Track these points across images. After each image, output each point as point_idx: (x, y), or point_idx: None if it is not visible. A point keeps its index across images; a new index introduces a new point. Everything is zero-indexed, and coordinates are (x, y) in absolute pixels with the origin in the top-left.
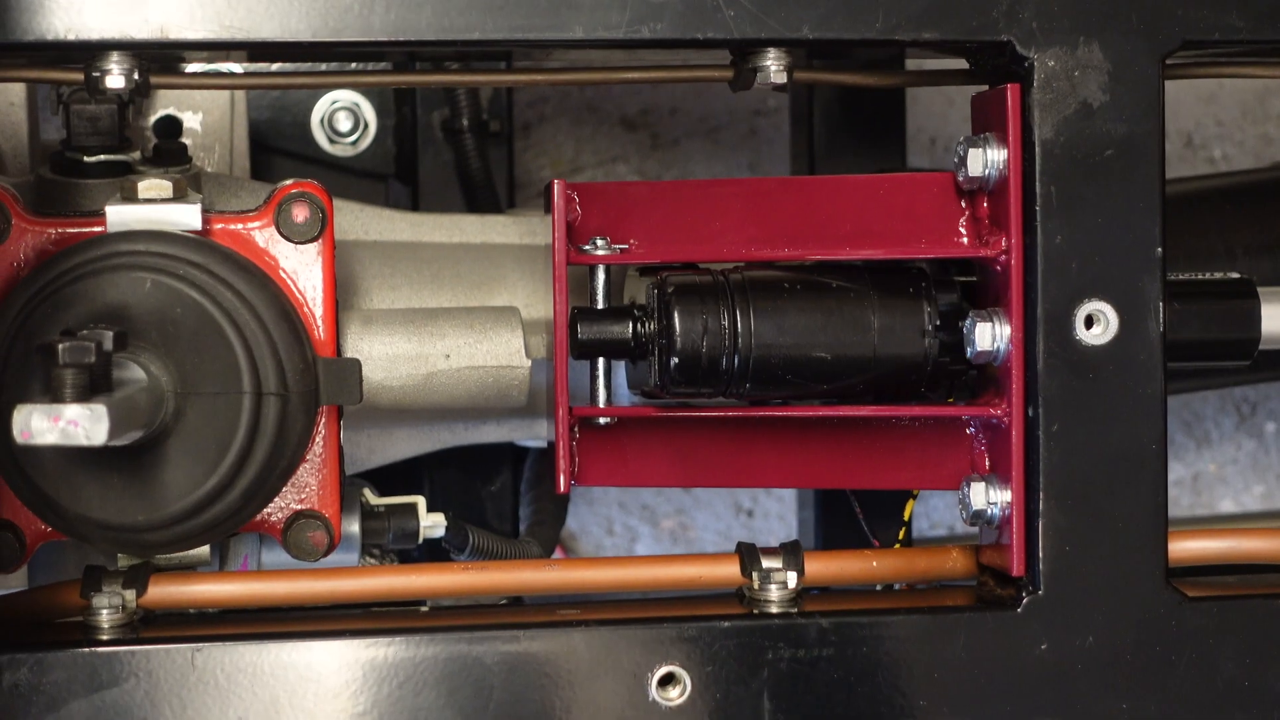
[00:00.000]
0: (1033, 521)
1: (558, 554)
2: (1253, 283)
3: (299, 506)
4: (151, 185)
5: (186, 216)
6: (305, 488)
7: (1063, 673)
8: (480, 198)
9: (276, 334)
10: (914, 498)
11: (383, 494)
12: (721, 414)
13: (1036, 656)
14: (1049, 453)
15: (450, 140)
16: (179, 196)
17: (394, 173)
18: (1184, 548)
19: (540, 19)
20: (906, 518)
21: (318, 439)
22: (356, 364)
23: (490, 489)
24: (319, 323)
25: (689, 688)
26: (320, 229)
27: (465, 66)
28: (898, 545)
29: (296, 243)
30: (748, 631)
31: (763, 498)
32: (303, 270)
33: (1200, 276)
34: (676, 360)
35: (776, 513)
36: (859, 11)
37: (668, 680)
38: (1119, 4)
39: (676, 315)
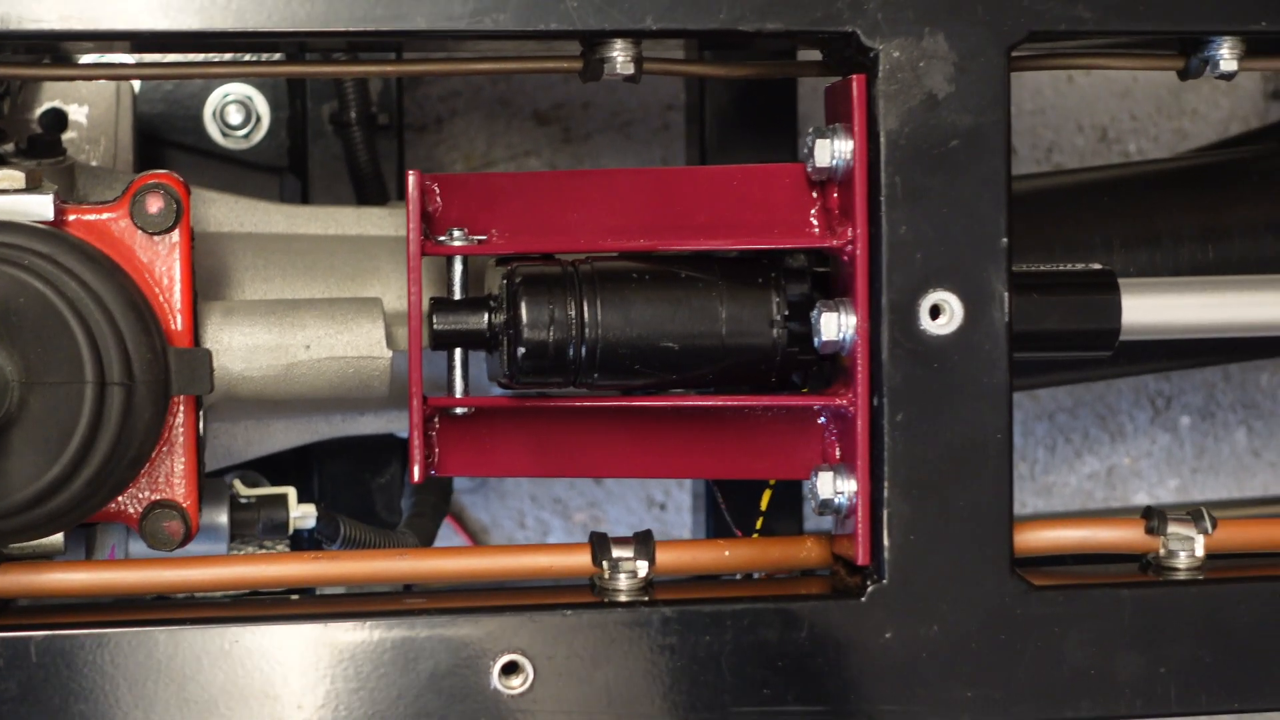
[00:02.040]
0: (878, 511)
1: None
2: (1114, 274)
3: (155, 497)
4: (4, 176)
5: (39, 207)
6: (161, 478)
7: (908, 661)
8: (369, 190)
9: (123, 324)
10: (770, 488)
11: (276, 485)
12: (573, 404)
13: (881, 645)
14: (894, 442)
15: (339, 133)
16: (32, 187)
17: (288, 165)
18: (1037, 537)
19: (382, 10)
20: (763, 508)
21: (177, 429)
22: (207, 354)
23: (379, 481)
24: (176, 314)
25: (531, 676)
26: (175, 220)
27: (324, 58)
28: (755, 535)
29: (151, 233)
30: (591, 620)
31: (675, 490)
32: (158, 261)
33: (1063, 268)
34: (523, 350)
35: (689, 505)
36: (703, 2)
37: (510, 669)
38: None
39: (523, 305)
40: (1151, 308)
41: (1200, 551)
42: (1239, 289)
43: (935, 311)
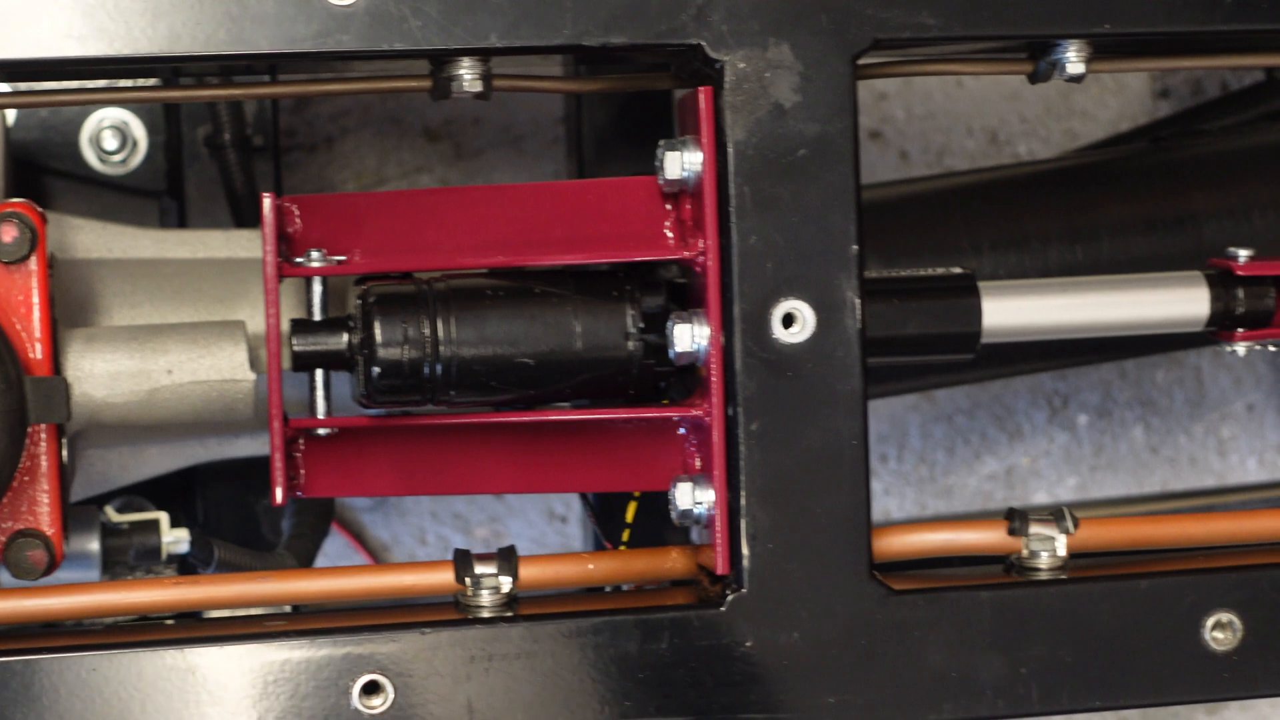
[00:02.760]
0: (735, 520)
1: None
2: (973, 277)
3: (18, 526)
4: None
5: None
6: (24, 507)
7: (769, 669)
8: (245, 213)
9: None
10: (635, 499)
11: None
12: (435, 422)
13: (742, 654)
14: (750, 451)
15: (214, 156)
16: None
17: (166, 189)
18: (899, 542)
19: (224, 34)
20: (629, 519)
21: (38, 458)
22: (63, 382)
23: (263, 503)
24: (34, 342)
25: (392, 695)
26: (30, 248)
27: (198, 82)
28: (622, 547)
29: (7, 263)
30: (450, 637)
31: (576, 504)
32: (15, 290)
33: (923, 272)
34: (378, 369)
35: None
36: (546, 17)
37: (371, 689)
38: (808, 5)
39: (377, 325)
40: (1012, 310)
41: (1062, 551)
42: (1098, 289)
43: (788, 320)
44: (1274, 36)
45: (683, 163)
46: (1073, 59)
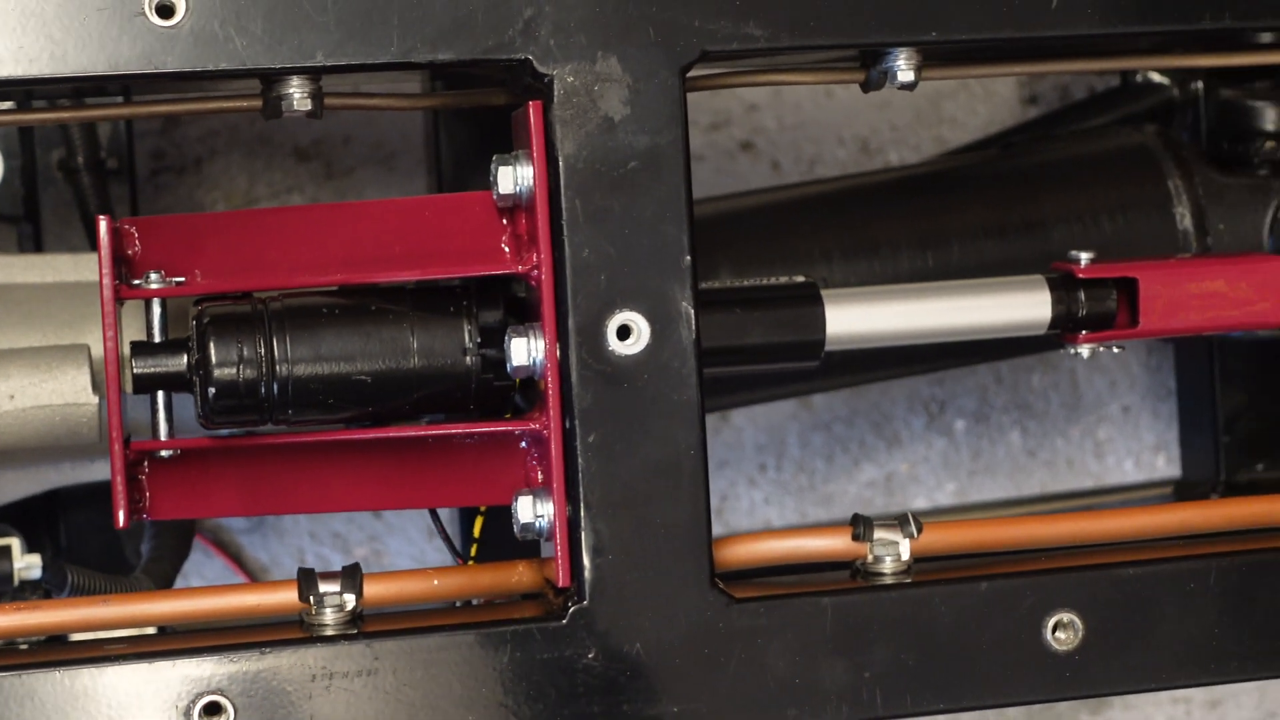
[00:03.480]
0: (575, 532)
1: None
2: (816, 286)
3: None
4: None
5: None
6: None
7: (612, 680)
8: None
9: None
10: (481, 514)
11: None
12: (278, 441)
13: (585, 666)
14: (588, 463)
15: (68, 180)
16: None
17: (24, 214)
18: (745, 550)
19: (47, 56)
20: (476, 534)
21: None
22: None
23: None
24: None
25: (233, 715)
26: None
27: (51, 104)
28: (471, 561)
29: None
30: (291, 657)
31: (459, 519)
32: None
33: (768, 281)
34: (214, 390)
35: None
36: (373, 35)
37: (212, 710)
38: (635, 18)
39: (211, 345)
40: (856, 317)
41: (906, 555)
42: (942, 295)
43: (623, 332)
44: (1105, 41)
45: (515, 177)
46: (903, 67)
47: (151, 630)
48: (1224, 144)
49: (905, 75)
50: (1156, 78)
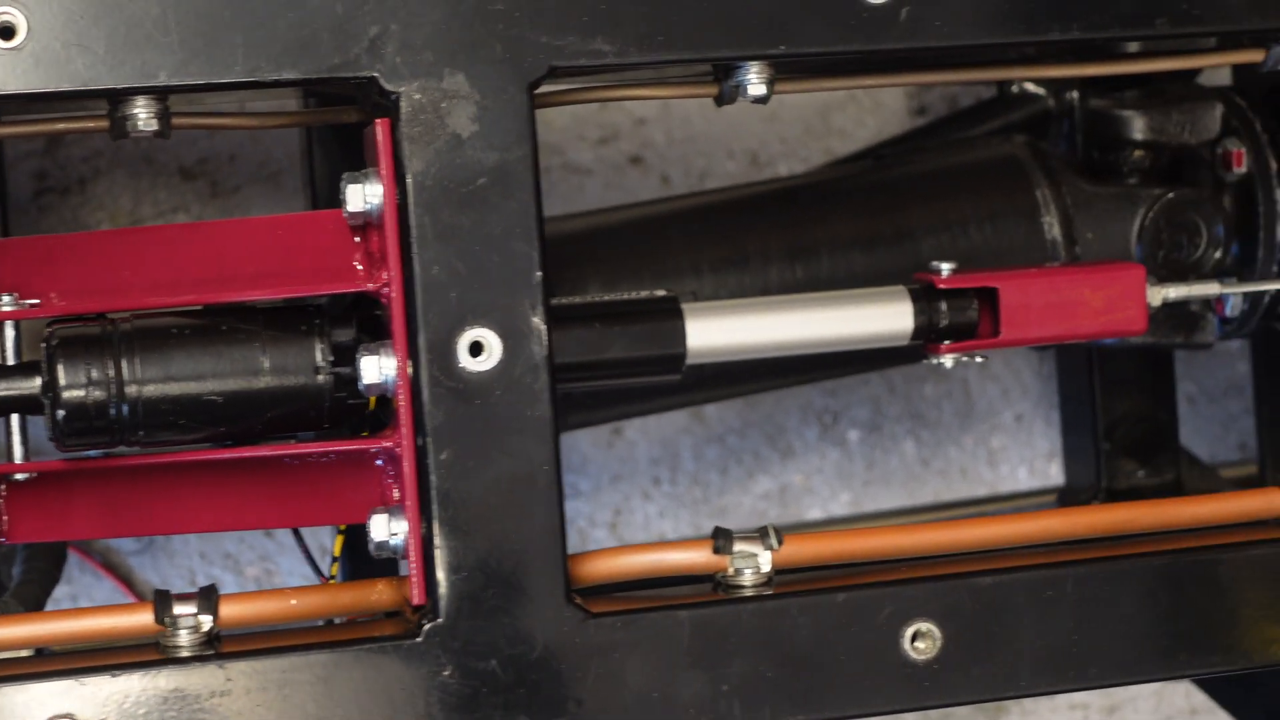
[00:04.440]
0: (429, 550)
1: None
2: (677, 300)
3: None
4: None
5: None
6: None
7: (468, 698)
8: None
9: None
10: (341, 533)
11: None
12: (132, 463)
13: (440, 683)
14: (441, 480)
15: None
16: None
17: None
18: (606, 565)
19: None
20: (337, 553)
21: None
22: None
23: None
24: None
25: None
26: None
27: None
28: (331, 579)
29: None
30: (144, 678)
31: (349, 538)
32: None
33: (628, 296)
34: (63, 412)
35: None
36: (217, 54)
37: None
38: (482, 35)
39: (60, 367)
40: (718, 330)
41: (766, 568)
42: (804, 307)
43: (475, 349)
44: (955, 53)
45: (364, 195)
46: (754, 81)
47: (26, 653)
48: (1094, 153)
49: (756, 89)
50: (1032, 88)
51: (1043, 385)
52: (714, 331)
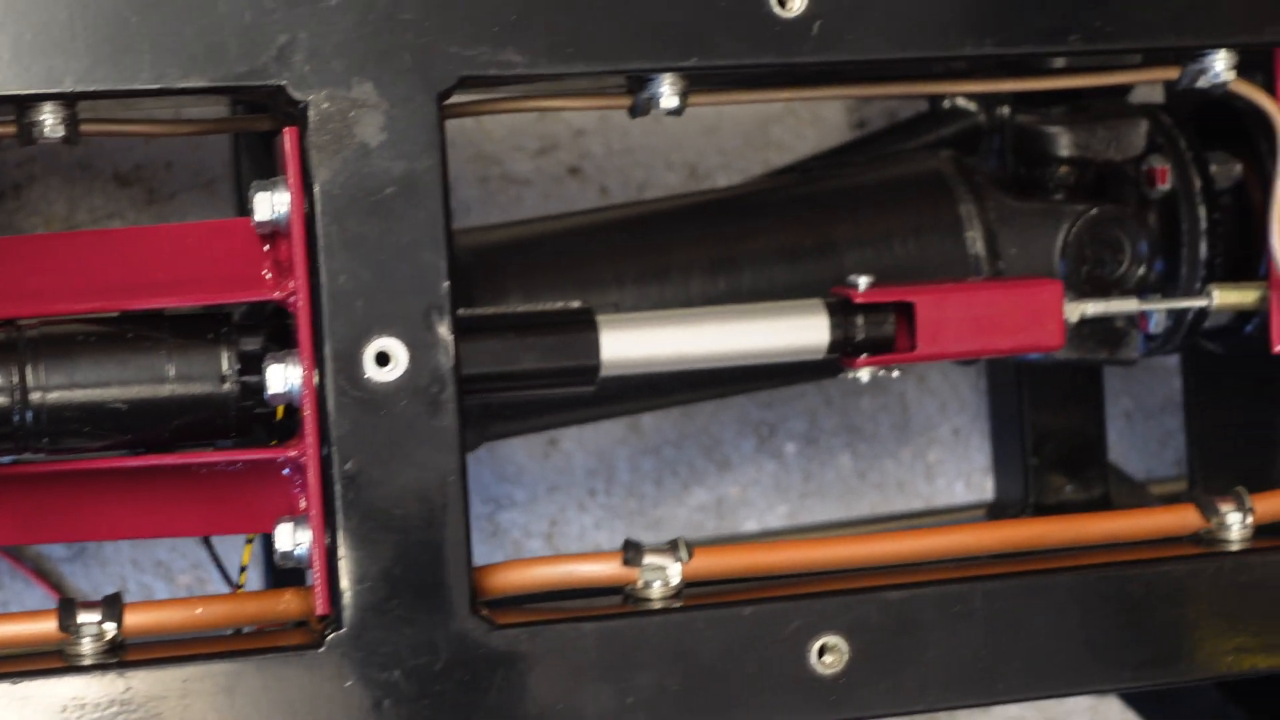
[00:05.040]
0: (333, 560)
1: None
2: (591, 311)
3: None
4: None
5: None
6: None
7: (371, 708)
8: None
9: None
10: (250, 542)
11: None
12: (39, 470)
13: (343, 694)
14: (346, 490)
15: None
16: None
17: None
18: (515, 576)
19: None
20: (245, 562)
21: None
22: None
23: None
24: None
25: None
26: None
27: None
28: (240, 588)
29: None
30: (43, 686)
31: None
32: None
33: (543, 307)
34: None
35: None
36: (124, 60)
37: None
38: (391, 44)
39: None
40: (633, 342)
41: (676, 580)
42: (720, 319)
43: (381, 359)
44: (870, 67)
45: (273, 204)
46: (667, 93)
47: None
48: (1021, 169)
49: (669, 101)
50: (963, 104)
51: (980, 400)
52: (628, 343)
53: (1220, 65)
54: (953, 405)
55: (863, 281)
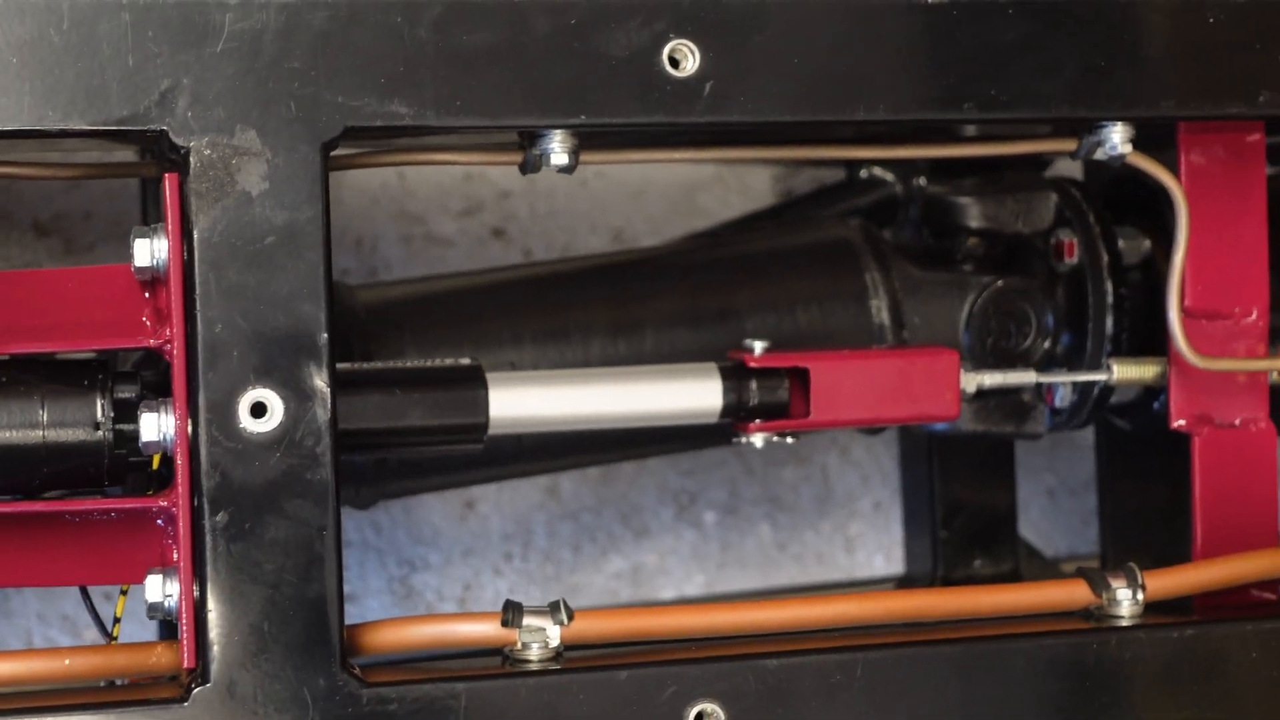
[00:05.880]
0: (202, 613)
1: None
2: (480, 368)
3: None
4: None
5: None
6: None
7: None
8: None
9: None
10: (124, 594)
11: None
12: None
13: None
14: (216, 542)
15: None
16: None
17: None
18: (394, 635)
19: None
20: (119, 614)
21: None
22: None
23: None
24: None
25: None
26: None
27: None
28: (114, 640)
29: None
30: None
31: None
32: None
33: (433, 363)
34: None
35: None
36: (3, 100)
37: None
38: (276, 93)
39: None
40: (523, 400)
41: (555, 643)
42: (613, 380)
43: (258, 410)
44: (764, 130)
45: (152, 250)
46: (557, 149)
47: None
48: (931, 240)
49: (560, 158)
50: (879, 173)
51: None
52: (518, 402)
53: (1117, 138)
54: (875, 478)
55: (758, 346)
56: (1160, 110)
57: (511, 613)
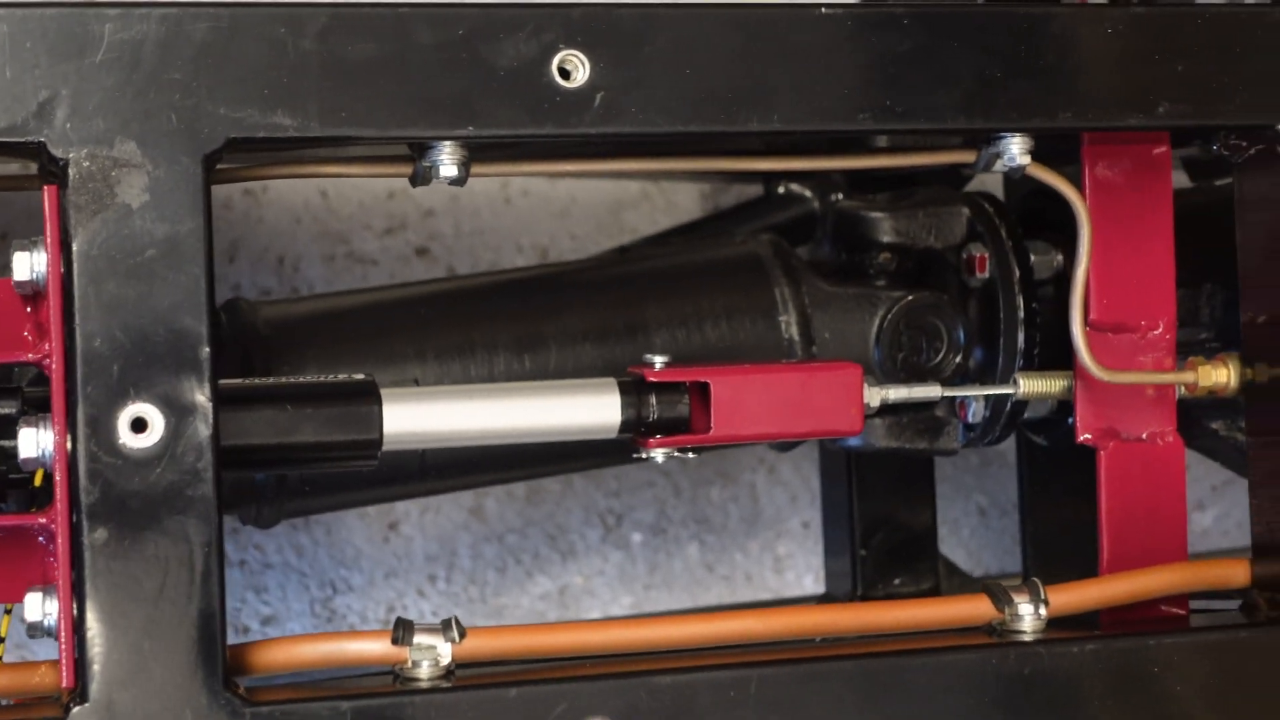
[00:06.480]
0: (81, 631)
1: None
2: (374, 384)
3: None
4: None
5: None
6: None
7: None
8: None
9: None
10: (8, 613)
11: None
12: None
13: None
14: (95, 560)
15: None
16: None
17: None
18: (283, 653)
19: None
20: (2, 634)
21: None
22: None
23: None
24: None
25: None
26: None
27: None
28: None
29: None
30: None
31: None
32: None
33: (326, 379)
34: None
35: None
36: None
37: None
38: (156, 104)
39: None
40: (419, 416)
41: (445, 661)
42: (510, 396)
43: (138, 425)
44: (656, 142)
45: (31, 263)
46: (446, 161)
47: None
48: (844, 255)
49: (449, 170)
50: (797, 189)
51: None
52: (413, 418)
53: (1015, 149)
54: (803, 497)
55: (659, 360)
56: (1058, 121)
57: (402, 630)
